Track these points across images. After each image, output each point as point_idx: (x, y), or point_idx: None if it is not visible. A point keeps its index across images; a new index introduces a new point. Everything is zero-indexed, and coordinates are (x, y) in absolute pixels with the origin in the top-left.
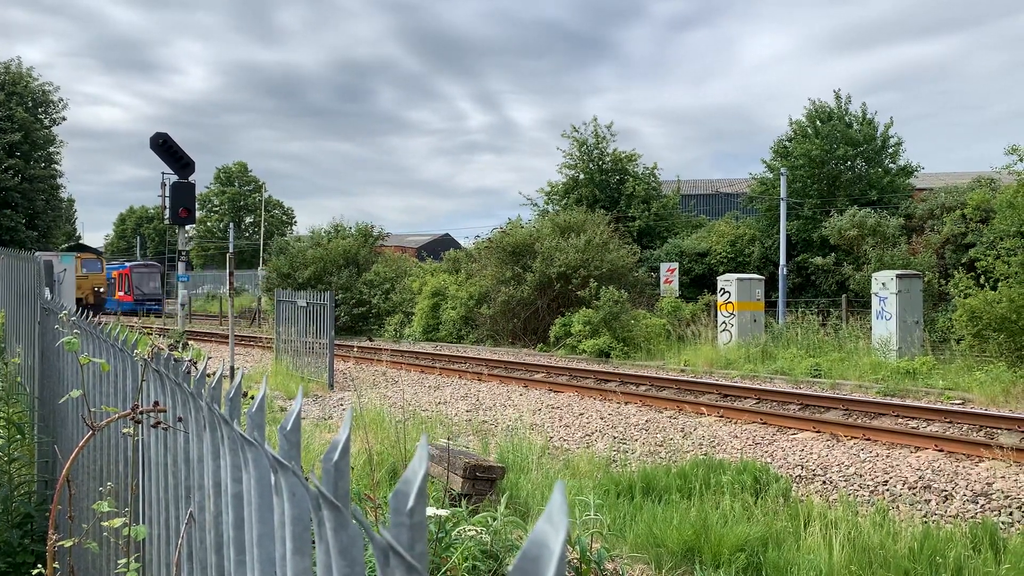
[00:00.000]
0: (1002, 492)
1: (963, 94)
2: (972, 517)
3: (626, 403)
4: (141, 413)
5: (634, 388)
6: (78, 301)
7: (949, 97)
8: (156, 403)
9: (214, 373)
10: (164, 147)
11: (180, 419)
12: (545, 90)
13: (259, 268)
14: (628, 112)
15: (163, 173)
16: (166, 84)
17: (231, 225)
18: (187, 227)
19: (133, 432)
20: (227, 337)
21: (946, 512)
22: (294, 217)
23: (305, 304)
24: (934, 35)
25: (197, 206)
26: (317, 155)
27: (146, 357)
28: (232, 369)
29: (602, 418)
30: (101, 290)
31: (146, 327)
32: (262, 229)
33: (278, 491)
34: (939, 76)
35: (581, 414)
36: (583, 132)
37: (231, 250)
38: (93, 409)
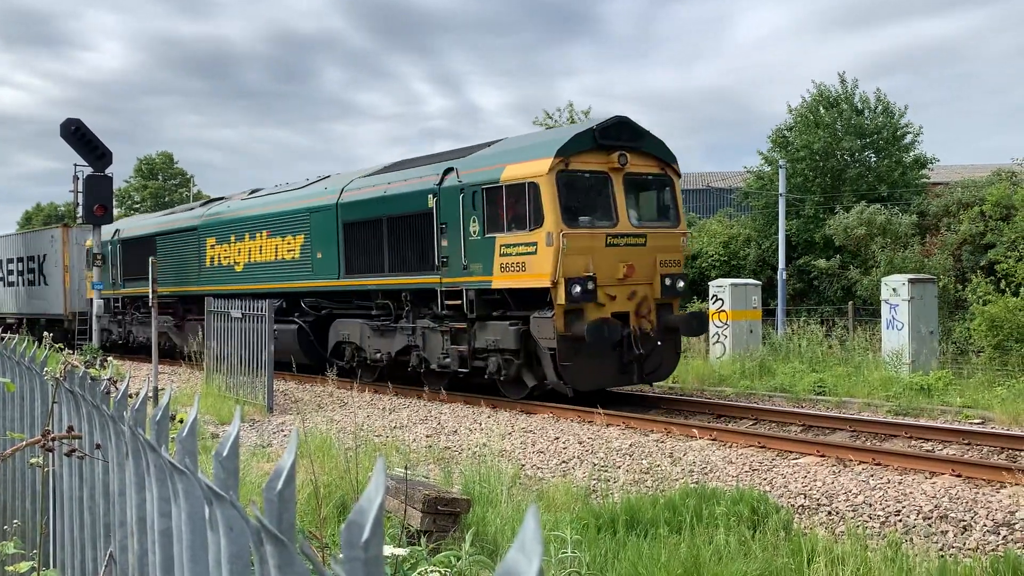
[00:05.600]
0: None
1: (982, 77)
2: (993, 550)
3: (608, 425)
4: (53, 440)
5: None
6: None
7: (966, 81)
8: (70, 428)
9: (136, 394)
10: (77, 135)
11: (98, 446)
12: (513, 71)
13: None
14: (607, 96)
15: (76, 165)
16: (77, 63)
17: None
18: (103, 227)
19: (43, 462)
20: (149, 352)
21: (965, 544)
22: None
23: (240, 315)
24: (950, 10)
25: (115, 202)
26: (252, 144)
27: (58, 376)
28: (156, 390)
29: (580, 443)
30: (680, 283)
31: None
32: None
33: (213, 526)
34: (955, 57)
35: (557, 438)
36: (557, 119)
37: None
38: None
